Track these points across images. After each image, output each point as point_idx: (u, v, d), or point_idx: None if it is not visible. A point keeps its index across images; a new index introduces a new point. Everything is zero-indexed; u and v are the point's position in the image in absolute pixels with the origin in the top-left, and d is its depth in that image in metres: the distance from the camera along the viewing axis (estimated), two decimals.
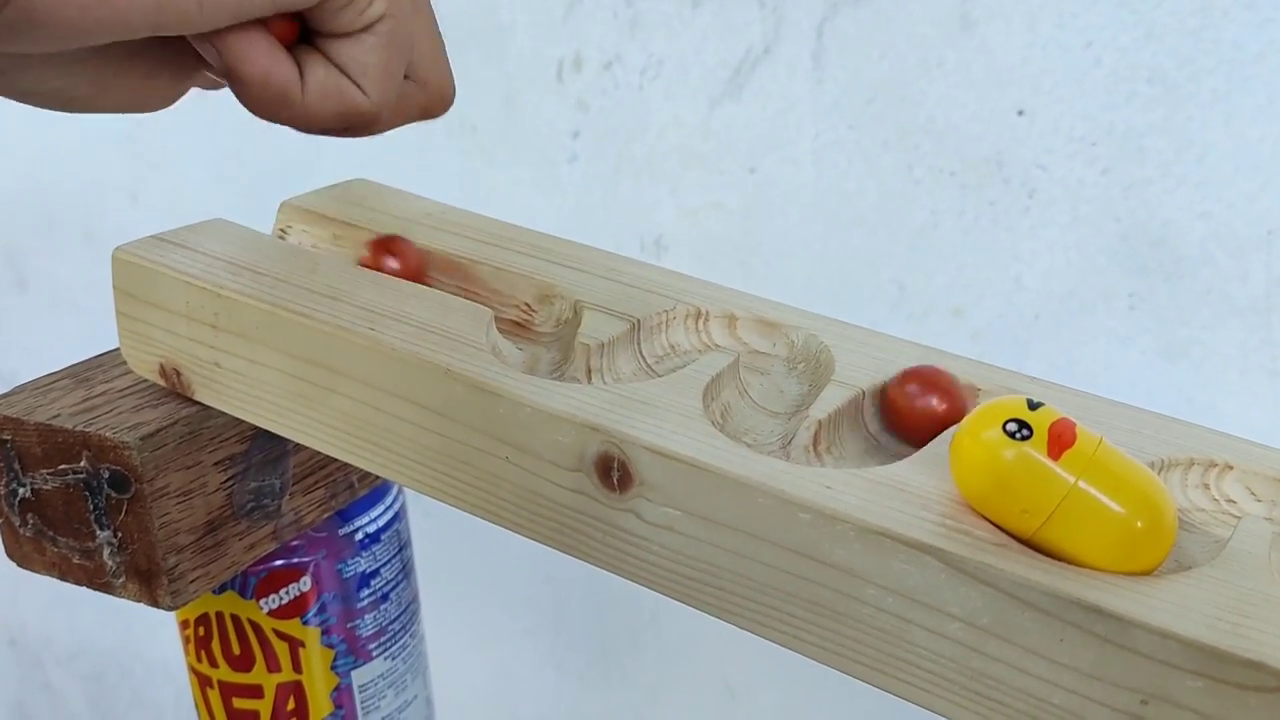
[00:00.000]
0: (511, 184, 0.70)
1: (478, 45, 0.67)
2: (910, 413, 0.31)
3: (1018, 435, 0.25)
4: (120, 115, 0.33)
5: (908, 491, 0.27)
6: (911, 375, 0.32)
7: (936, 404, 0.31)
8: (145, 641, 1.04)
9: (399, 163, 0.72)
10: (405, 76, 0.33)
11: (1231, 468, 0.31)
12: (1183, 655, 0.23)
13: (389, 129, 0.34)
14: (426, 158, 0.71)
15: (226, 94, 0.33)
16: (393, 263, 0.37)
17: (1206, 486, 0.31)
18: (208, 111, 0.77)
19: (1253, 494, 0.30)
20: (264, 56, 0.30)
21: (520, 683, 0.83)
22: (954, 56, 0.56)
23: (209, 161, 0.81)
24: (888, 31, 0.57)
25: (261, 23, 0.30)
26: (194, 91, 0.34)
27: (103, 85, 0.30)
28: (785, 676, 0.72)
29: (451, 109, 0.36)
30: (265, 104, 0.31)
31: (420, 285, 0.36)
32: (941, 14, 0.56)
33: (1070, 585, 0.25)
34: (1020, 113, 0.55)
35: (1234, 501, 0.30)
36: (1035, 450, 0.25)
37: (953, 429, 0.30)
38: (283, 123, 0.32)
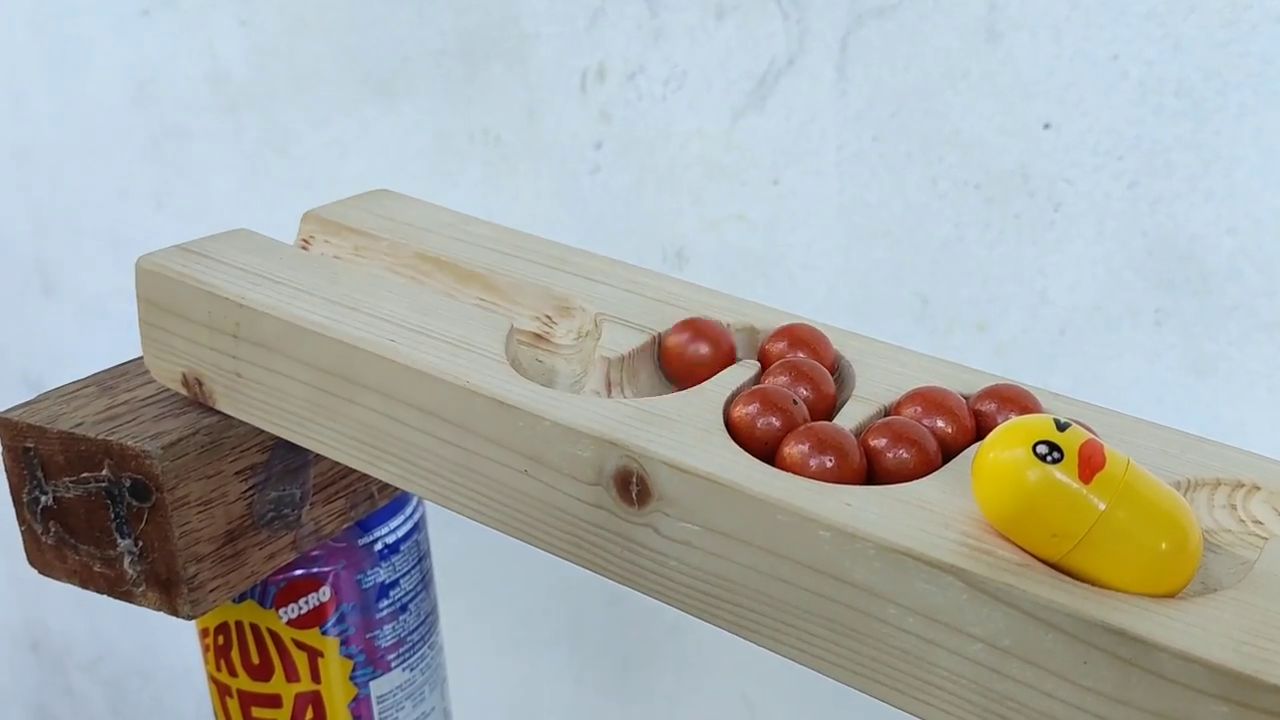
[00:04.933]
0: (534, 194, 0.70)
1: (501, 55, 0.68)
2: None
3: (1048, 458, 0.25)
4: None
5: (928, 510, 0.27)
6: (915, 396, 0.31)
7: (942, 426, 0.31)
8: (167, 647, 1.04)
9: (423, 173, 0.73)
10: None
11: (1259, 488, 0.30)
12: (1208, 680, 0.23)
13: None
14: (449, 168, 0.71)
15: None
16: (703, 348, 0.34)
17: (1233, 507, 0.30)
18: (233, 118, 0.78)
19: None
20: None
21: (538, 694, 0.83)
22: (979, 68, 0.56)
23: (234, 170, 0.81)
24: (912, 43, 0.57)
25: None
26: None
27: None
28: (804, 692, 0.72)
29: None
30: None
31: (442, 296, 0.36)
32: (967, 26, 0.55)
33: (1094, 607, 0.24)
34: (1046, 126, 0.55)
35: (1261, 523, 0.30)
36: (1066, 474, 0.24)
37: (974, 448, 0.30)
38: None
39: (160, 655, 1.05)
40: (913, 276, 0.60)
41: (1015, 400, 0.32)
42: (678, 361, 0.34)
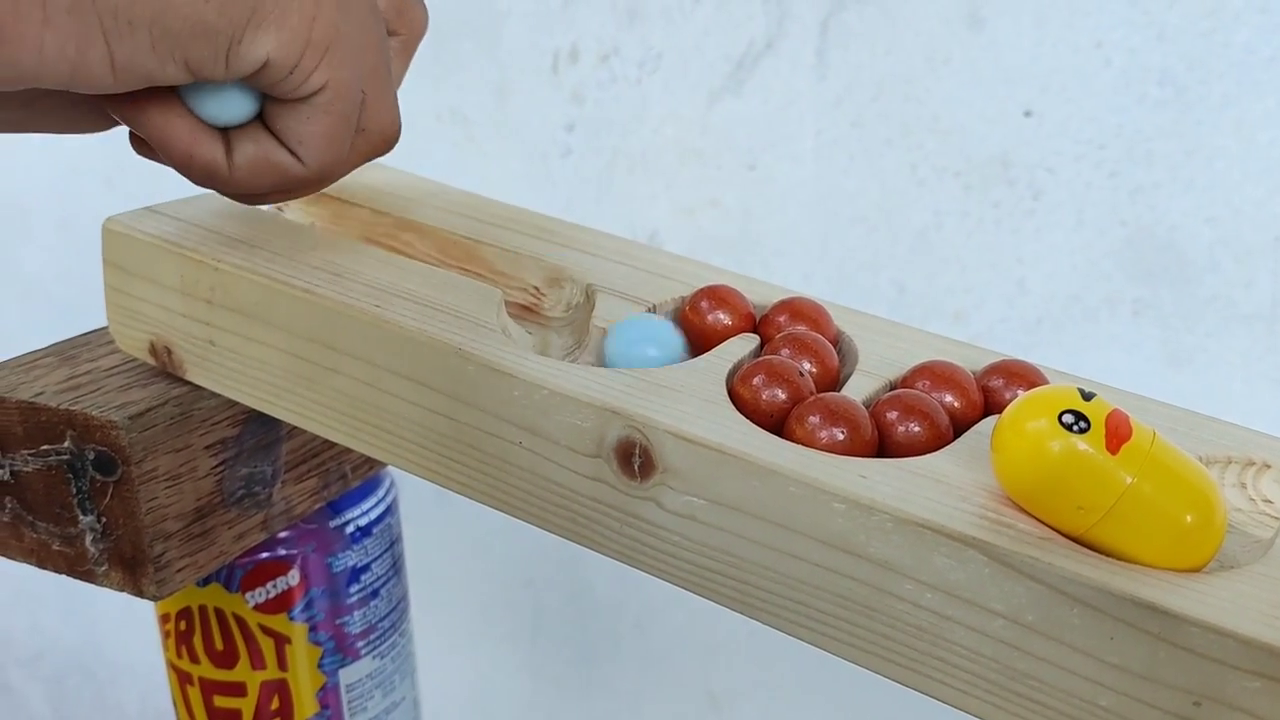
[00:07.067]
0: (503, 177, 0.68)
1: (472, 34, 0.66)
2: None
3: (1075, 428, 0.24)
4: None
5: (945, 483, 0.26)
6: (923, 370, 0.31)
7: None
8: (109, 643, 1.01)
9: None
10: None
11: (1269, 466, 0.30)
12: (1240, 654, 0.22)
13: (334, 181, 0.32)
14: (415, 148, 0.69)
15: None
16: (723, 317, 0.33)
17: (1244, 486, 0.30)
18: None
19: None
20: (184, 137, 0.29)
21: (497, 689, 0.81)
22: (961, 54, 0.55)
23: None
24: (893, 27, 0.56)
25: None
26: None
27: (34, 110, 0.30)
28: (769, 685, 0.71)
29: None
30: (194, 179, 0.30)
31: (428, 265, 0.34)
32: (949, 11, 0.55)
33: (1122, 581, 0.23)
34: (1028, 113, 0.55)
35: (1271, 501, 0.29)
36: (1092, 445, 0.24)
37: (989, 420, 0.29)
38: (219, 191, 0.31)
39: (102, 651, 1.02)
40: (890, 264, 0.59)
41: (1023, 376, 0.31)
42: (700, 329, 0.33)
